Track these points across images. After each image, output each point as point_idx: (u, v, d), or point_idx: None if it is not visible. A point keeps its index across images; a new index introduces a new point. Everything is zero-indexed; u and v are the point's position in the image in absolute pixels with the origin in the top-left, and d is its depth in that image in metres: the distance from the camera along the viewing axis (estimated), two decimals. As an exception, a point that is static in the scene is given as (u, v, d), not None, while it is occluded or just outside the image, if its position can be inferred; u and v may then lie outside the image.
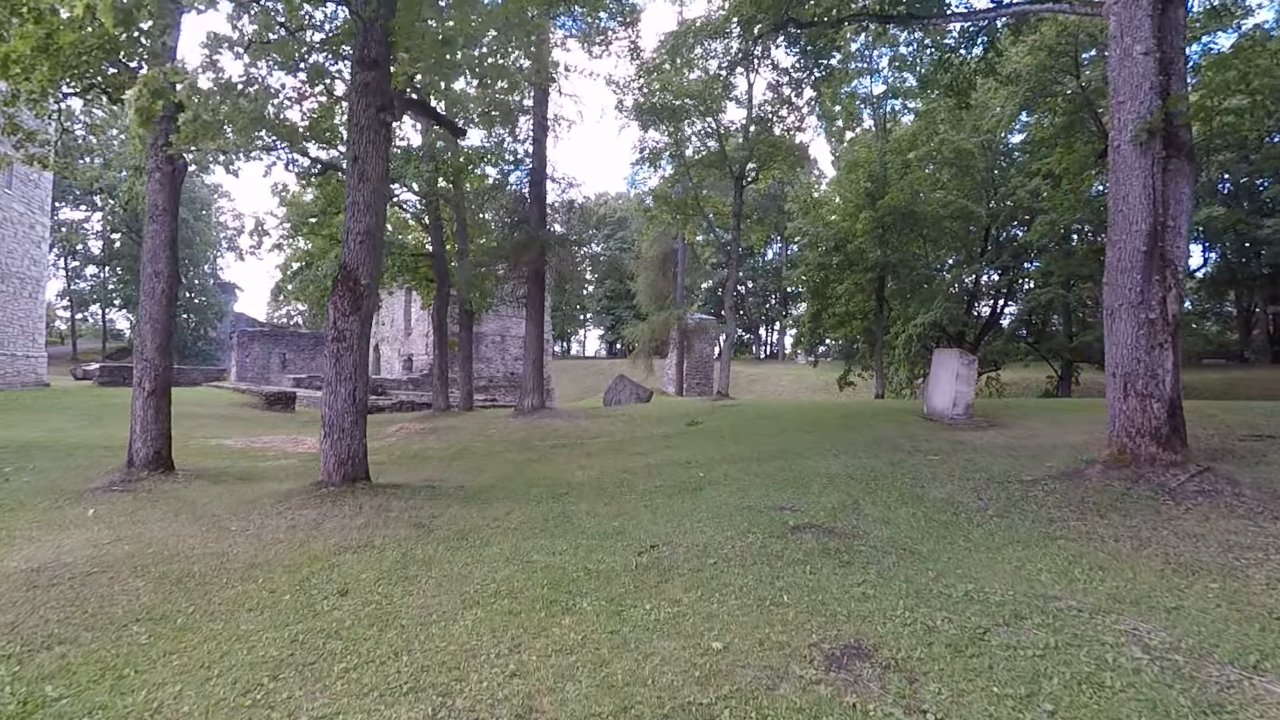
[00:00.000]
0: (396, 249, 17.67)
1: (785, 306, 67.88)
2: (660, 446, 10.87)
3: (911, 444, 8.79)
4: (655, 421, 15.03)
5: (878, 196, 25.30)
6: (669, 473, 7.95)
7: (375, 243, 6.75)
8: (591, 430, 14.16)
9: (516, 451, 11.37)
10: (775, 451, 8.97)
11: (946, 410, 10.70)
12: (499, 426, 15.49)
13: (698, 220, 23.81)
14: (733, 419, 14.05)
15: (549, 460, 10.14)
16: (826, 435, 10.54)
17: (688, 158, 20.52)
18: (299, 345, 43.30)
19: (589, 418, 16.61)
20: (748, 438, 11.15)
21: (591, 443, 12.25)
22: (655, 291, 33.62)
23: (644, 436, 12.58)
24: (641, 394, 22.29)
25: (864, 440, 9.45)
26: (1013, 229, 32.80)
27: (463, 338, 22.30)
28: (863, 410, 13.69)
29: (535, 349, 17.64)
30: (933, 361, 11.46)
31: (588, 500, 6.59)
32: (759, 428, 12.38)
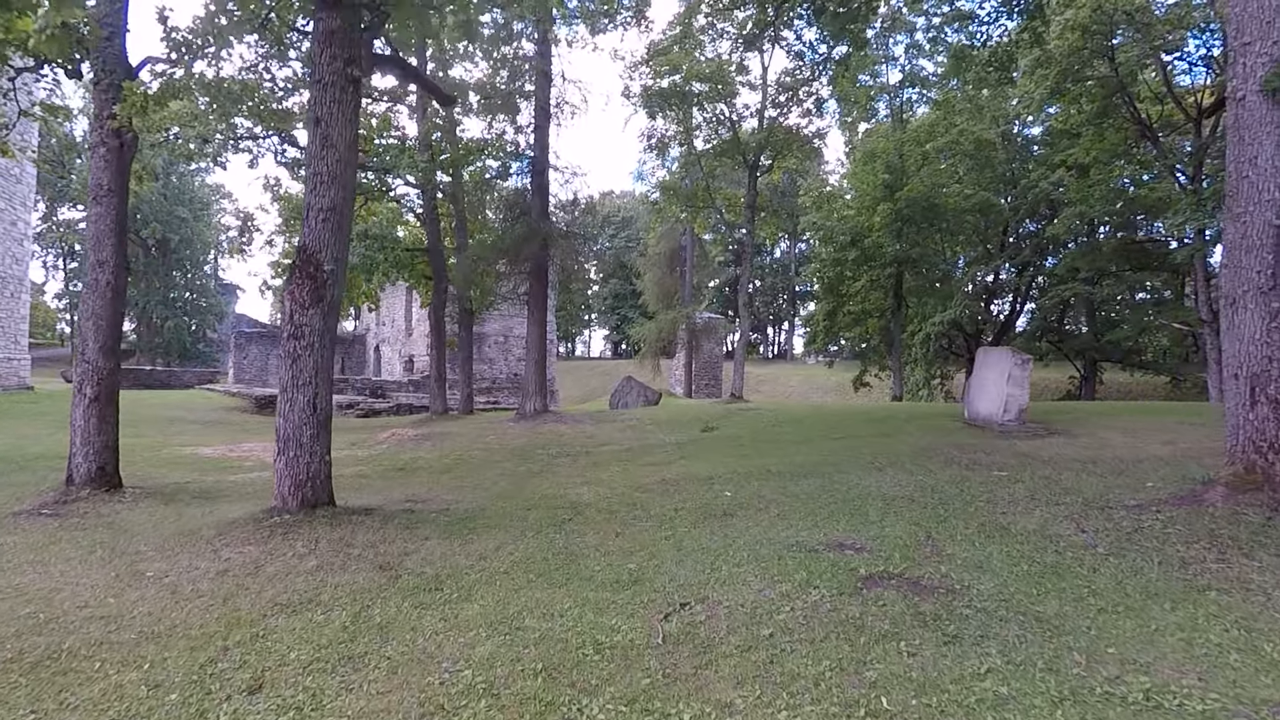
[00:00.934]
0: (390, 244, 16.59)
1: (794, 305, 66.65)
2: (675, 457, 9.75)
3: (966, 456, 7.64)
4: (666, 427, 13.92)
5: (896, 188, 24.12)
6: (689, 491, 6.83)
7: (342, 221, 5.64)
8: (598, 437, 13.06)
9: (515, 462, 10.26)
10: (809, 464, 7.83)
11: (995, 416, 9.55)
12: (498, 432, 14.40)
13: (708, 214, 22.71)
14: (751, 425, 12.92)
15: (551, 473, 9.03)
16: (862, 444, 9.40)
17: (698, 148, 19.42)
18: (297, 346, 42.31)
19: (595, 422, 15.51)
20: (772, 447, 10.02)
21: (598, 451, 11.15)
22: (662, 290, 32.50)
23: (655, 444, 11.47)
24: (649, 396, 21.19)
25: (908, 451, 8.31)
26: (1031, 224, 31.63)
27: (462, 338, 21.25)
28: (893, 414, 12.54)
29: (537, 349, 16.55)
30: (977, 361, 10.31)
31: (595, 529, 5.47)
32: (782, 435, 11.24)
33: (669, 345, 33.97)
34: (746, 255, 18.25)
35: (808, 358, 62.54)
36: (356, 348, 44.04)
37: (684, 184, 20.34)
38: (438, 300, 18.35)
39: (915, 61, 27.64)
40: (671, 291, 32.29)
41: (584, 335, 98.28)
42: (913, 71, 27.60)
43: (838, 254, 26.40)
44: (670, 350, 36.69)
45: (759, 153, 17.96)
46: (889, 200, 24.12)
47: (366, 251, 15.90)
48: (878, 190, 24.73)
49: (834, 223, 26.55)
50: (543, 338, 16.70)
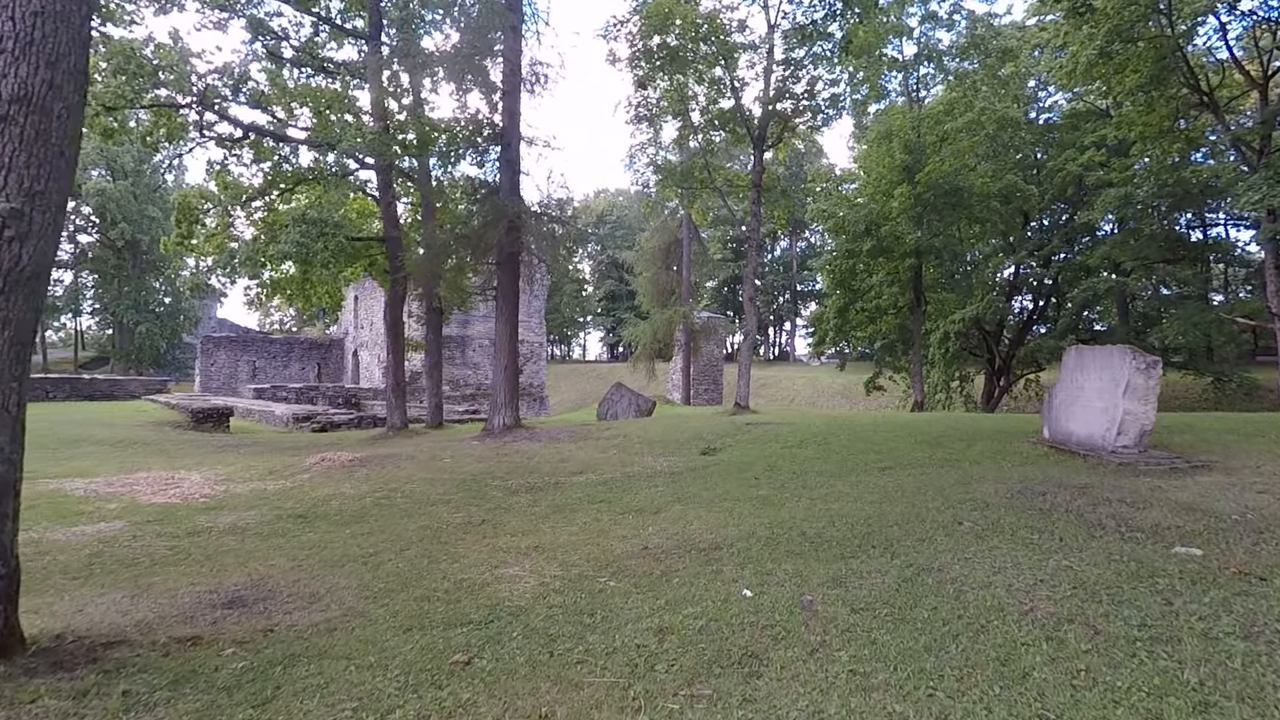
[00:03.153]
0: (330, 229, 14.03)
1: (796, 304, 64.15)
2: (665, 498, 7.22)
3: (1096, 509, 5.11)
4: (658, 447, 11.39)
5: (915, 170, 21.61)
6: (684, 579, 4.30)
7: (43, 127, 3.10)
8: (573, 461, 10.54)
9: (455, 504, 7.73)
10: (861, 523, 5.30)
11: (1102, 439, 7.03)
12: (456, 454, 11.86)
13: (708, 199, 20.19)
14: (764, 447, 10.38)
15: (492, 527, 6.50)
16: (922, 480, 6.87)
17: (695, 122, 16.89)
18: (270, 352, 39.74)
19: (574, 439, 12.98)
20: (797, 483, 7.49)
21: (569, 484, 8.64)
22: (658, 287, 29.94)
23: (642, 474, 8.95)
24: (642, 405, 18.65)
25: (998, 496, 5.78)
26: (1058, 211, 29.15)
27: (430, 341, 18.77)
28: (946, 433, 9.99)
29: (507, 353, 14.03)
30: (1068, 363, 7.79)
31: (507, 687, 2.94)
32: (807, 463, 8.71)
33: (665, 347, 31.44)
34: (752, 242, 15.68)
35: (812, 360, 60.03)
36: (334, 353, 41.45)
37: (679, 163, 17.78)
38: (394, 296, 15.81)
39: (932, 34, 25.22)
40: (667, 289, 29.76)
41: (580, 338, 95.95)
42: (929, 45, 25.15)
43: (850, 245, 23.88)
44: (667, 352, 34.17)
45: (765, 123, 15.42)
46: (907, 183, 21.61)
47: (301, 239, 13.35)
48: (895, 173, 22.22)
49: (846, 210, 24.01)
50: (513, 339, 14.19)
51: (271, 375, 38.80)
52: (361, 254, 16.69)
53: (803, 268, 59.65)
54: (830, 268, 26.07)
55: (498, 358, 14.19)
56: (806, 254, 59.63)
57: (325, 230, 13.66)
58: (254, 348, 38.94)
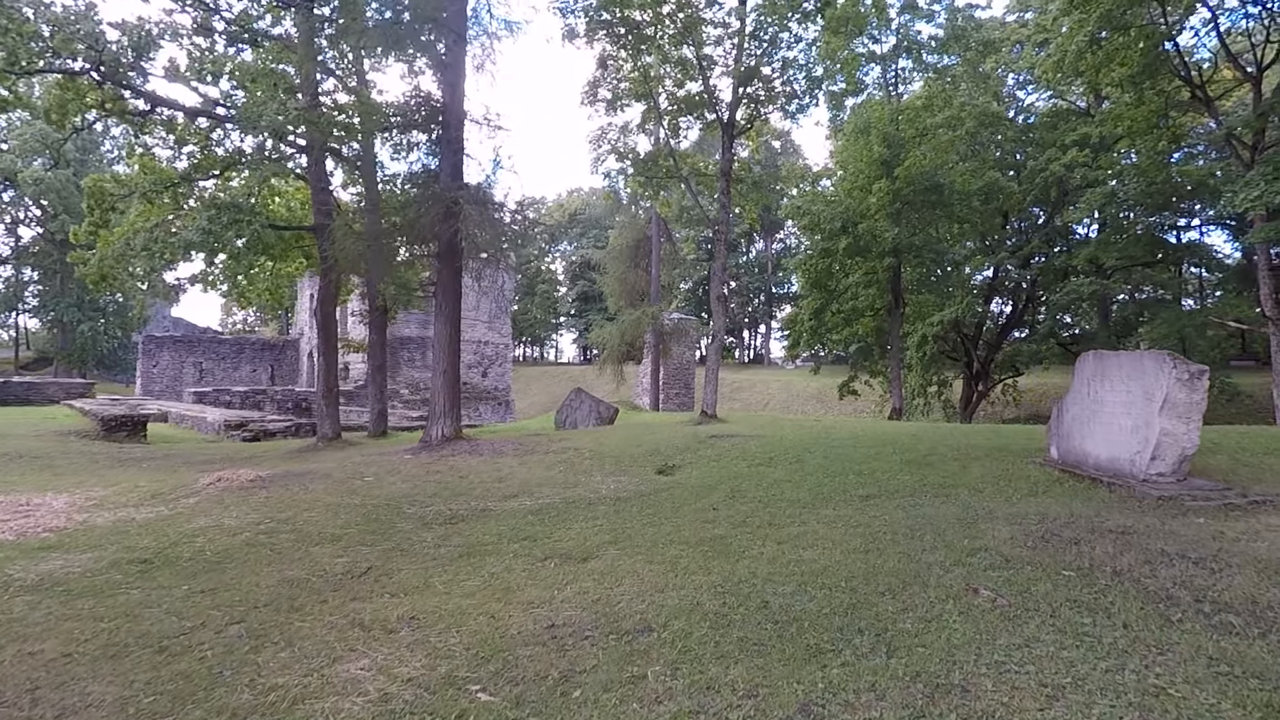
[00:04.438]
0: (246, 216, 12.41)
1: (771, 307, 63.15)
2: (602, 536, 5.86)
3: (1157, 568, 3.84)
4: (612, 463, 10.03)
5: (894, 164, 20.50)
6: (595, 687, 2.95)
7: None
8: (512, 480, 9.14)
9: (347, 541, 6.29)
10: (840, 585, 3.97)
11: (1130, 465, 5.80)
12: (381, 471, 10.37)
13: (676, 194, 18.88)
14: (728, 464, 9.05)
15: (376, 580, 5.09)
16: (915, 514, 5.58)
17: (662, 107, 15.55)
18: (219, 353, 37.64)
19: (520, 452, 11.57)
20: (760, 514, 6.17)
21: (497, 512, 7.24)
22: (625, 287, 28.54)
23: (584, 499, 7.57)
24: (603, 412, 17.26)
25: (1013, 540, 4.50)
26: (1038, 212, 28.33)
27: (373, 342, 17.28)
28: (933, 450, 8.72)
29: (448, 355, 12.58)
30: (1083, 371, 6.55)
31: None
32: (777, 487, 7.39)
33: (634, 350, 30.06)
34: (721, 235, 14.36)
35: (787, 363, 59.07)
36: (288, 354, 39.40)
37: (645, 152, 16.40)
38: (325, 291, 14.24)
39: (912, 25, 24.19)
40: (636, 289, 28.37)
41: (553, 340, 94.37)
42: (908, 36, 24.11)
43: (826, 243, 22.72)
44: (636, 356, 32.81)
45: (735, 108, 14.13)
46: (886, 178, 20.49)
47: (210, 225, 11.73)
48: (873, 167, 21.10)
49: (822, 207, 22.84)
50: (454, 340, 12.73)
51: (220, 377, 36.73)
52: (292, 245, 15.10)
53: (778, 268, 58.70)
54: (805, 267, 24.91)
55: (436, 360, 12.72)
56: (781, 255, 58.67)
57: (239, 217, 12.05)
58: (201, 348, 36.83)
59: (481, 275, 13.58)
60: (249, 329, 74.93)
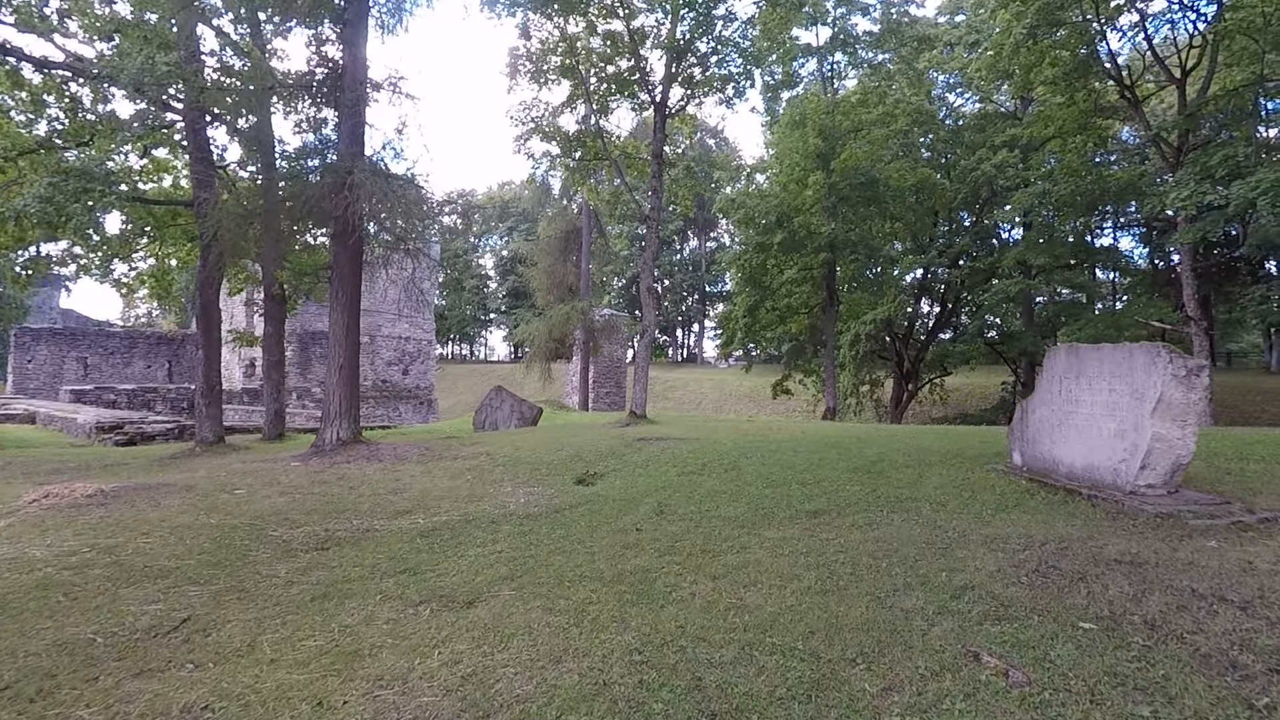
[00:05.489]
0: (99, 185, 10.60)
1: (704, 305, 62.81)
2: (498, 570, 4.71)
3: (1200, 618, 3.00)
4: (526, 471, 8.86)
5: (830, 157, 19.98)
6: None
7: None
8: (408, 493, 7.87)
9: (175, 579, 4.94)
10: (797, 647, 2.98)
11: (1114, 475, 5.05)
12: (257, 483, 8.91)
13: (604, 177, 17.76)
14: (656, 472, 8.02)
15: (186, 643, 3.81)
16: (876, 541, 4.66)
17: (590, 85, 14.41)
18: (108, 348, 34.33)
19: (426, 458, 10.28)
20: (692, 537, 5.15)
21: (378, 535, 6.00)
22: (555, 281, 27.27)
23: (487, 517, 6.39)
24: (526, 412, 16.02)
25: (1013, 584, 3.61)
26: (966, 214, 28.55)
27: (269, 335, 15.67)
28: (881, 455, 7.91)
29: (344, 350, 11.14)
30: (1054, 369, 5.80)
31: None
32: (708, 500, 6.39)
33: (563, 347, 28.82)
34: (653, 224, 13.37)
35: (720, 362, 58.80)
36: (188, 349, 36.27)
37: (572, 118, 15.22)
38: (204, 274, 12.51)
39: (848, 19, 23.83)
40: (565, 283, 27.14)
41: (483, 337, 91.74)
42: (844, 29, 23.75)
43: (761, 238, 22.07)
44: (566, 353, 31.58)
45: (668, 84, 13.14)
46: (822, 171, 19.96)
47: (50, 194, 9.92)
48: (809, 160, 20.54)
49: (756, 200, 22.18)
50: (352, 332, 11.30)
51: (109, 374, 33.48)
52: (167, 223, 13.28)
53: (711, 264, 58.36)
54: (740, 263, 24.25)
55: (331, 355, 11.25)
56: (715, 251, 58.36)
57: (89, 186, 10.25)
58: (86, 342, 33.49)
59: (389, 262, 12.16)
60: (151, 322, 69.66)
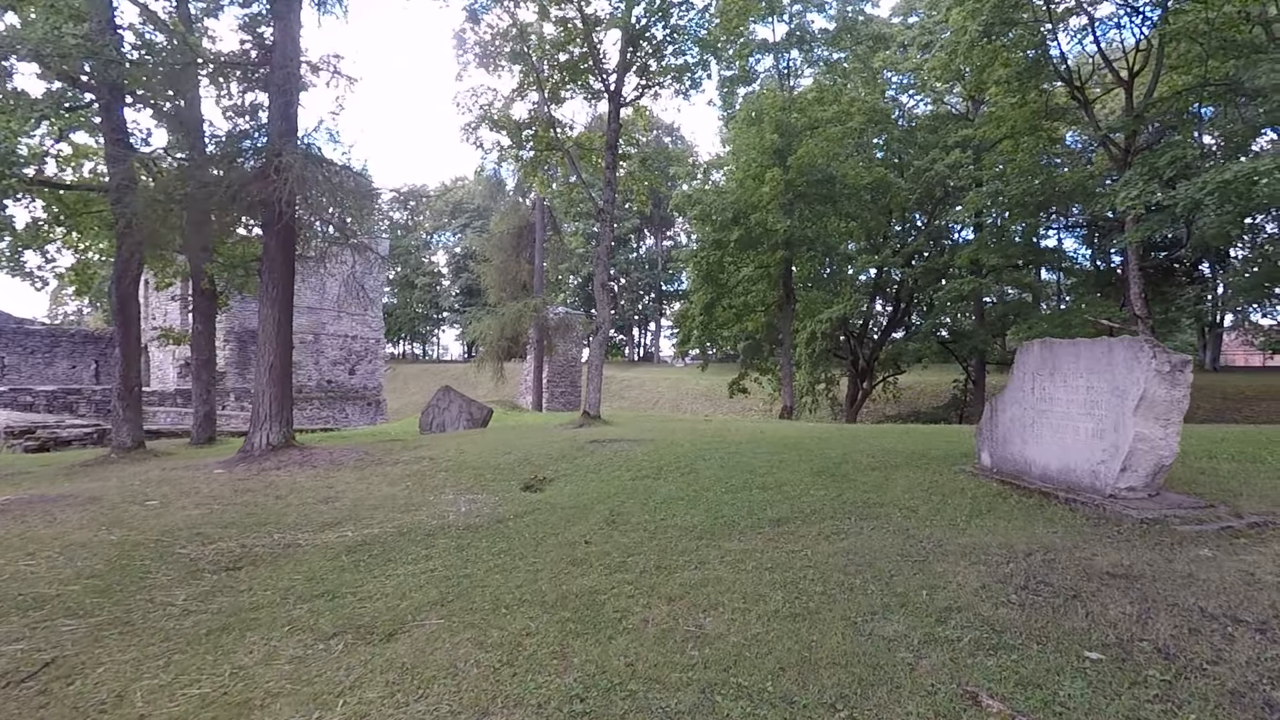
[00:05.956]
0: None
1: (661, 304, 62.52)
2: (429, 593, 4.16)
3: (1237, 657, 2.67)
4: (471, 476, 8.28)
5: (787, 153, 19.79)
6: None
7: None
8: (340, 502, 7.24)
9: (54, 608, 4.27)
10: (765, 690, 2.55)
11: (1092, 476, 4.77)
12: (174, 492, 8.15)
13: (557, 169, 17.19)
14: (608, 477, 7.54)
15: (41, 695, 3.18)
16: (845, 553, 4.25)
17: (542, 73, 13.83)
18: (27, 346, 32.22)
19: (364, 463, 9.60)
20: (645, 550, 4.68)
21: (304, 548, 5.41)
22: (507, 278, 26.53)
23: (423, 528, 5.82)
24: (475, 413, 15.36)
25: (1003, 605, 3.23)
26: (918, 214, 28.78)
27: (198, 332, 14.76)
28: (844, 456, 7.58)
29: (275, 348, 10.37)
30: (1029, 365, 5.50)
31: None
32: (663, 507, 5.94)
33: (517, 346, 28.11)
34: (606, 217, 12.87)
35: (676, 360, 58.61)
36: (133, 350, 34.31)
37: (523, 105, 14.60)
38: (121, 265, 11.55)
39: (804, 15, 23.72)
40: (519, 281, 26.43)
41: (436, 336, 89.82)
42: (801, 26, 23.64)
43: (718, 234, 21.79)
44: (520, 352, 30.86)
45: (622, 72, 12.67)
46: (779, 167, 19.76)
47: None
48: (766, 156, 20.31)
49: (713, 197, 21.89)
50: (284, 328, 10.52)
51: (28, 375, 31.40)
52: (79, 211, 12.27)
53: (668, 263, 58.12)
54: (696, 260, 23.93)
55: (260, 353, 10.46)
56: (672, 249, 58.12)
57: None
58: (2, 341, 31.35)
59: (328, 255, 11.42)
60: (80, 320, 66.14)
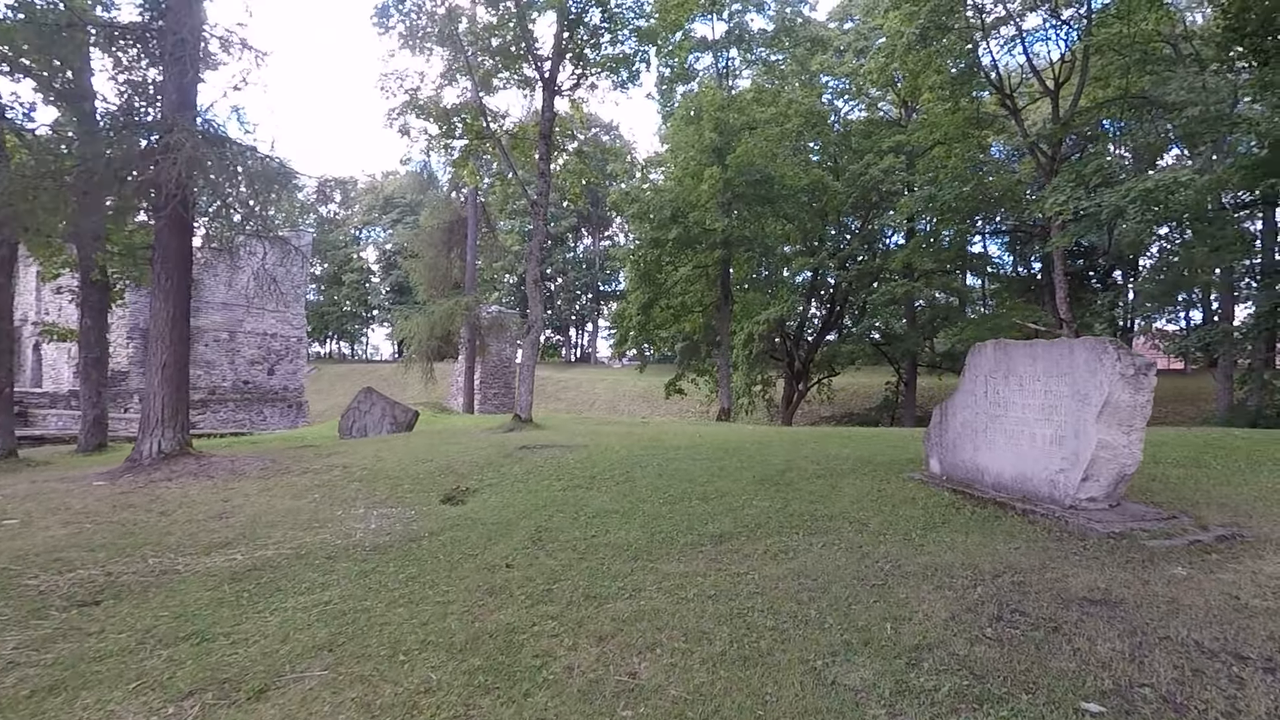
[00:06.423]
0: None
1: (598, 305, 61.92)
2: (317, 634, 3.49)
3: (1217, 685, 2.32)
4: (386, 487, 7.56)
5: (726, 152, 19.57)
6: None
7: None
8: (236, 517, 6.46)
9: None
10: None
11: (1050, 486, 4.49)
12: (42, 507, 7.15)
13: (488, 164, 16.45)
14: (537, 487, 6.96)
15: None
16: (796, 576, 3.81)
17: (473, 59, 13.07)
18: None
19: (268, 473, 8.73)
20: (573, 575, 4.13)
21: (182, 575, 4.65)
22: (438, 275, 25.48)
23: (324, 549, 5.12)
24: (400, 416, 14.48)
25: (979, 643, 2.83)
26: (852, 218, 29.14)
27: (87, 329, 13.54)
28: (789, 464, 7.21)
29: (169, 346, 9.35)
30: (982, 367, 5.21)
31: None
32: (595, 521, 5.40)
33: (448, 346, 27.07)
34: (539, 210, 12.25)
35: (614, 361, 58.14)
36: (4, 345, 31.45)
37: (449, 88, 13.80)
38: (-14, 255, 10.28)
39: (743, 15, 23.60)
40: (450, 278, 25.42)
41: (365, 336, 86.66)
42: (740, 26, 23.51)
43: (656, 233, 21.41)
44: (453, 353, 29.80)
45: (557, 59, 12.08)
46: (718, 165, 19.52)
47: None
48: (705, 154, 20.04)
49: (651, 194, 21.50)
50: (180, 323, 9.51)
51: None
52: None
53: (606, 261, 57.55)
54: (634, 259, 23.50)
55: (151, 351, 9.42)
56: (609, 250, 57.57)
57: None
58: None
59: (235, 245, 10.44)
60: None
